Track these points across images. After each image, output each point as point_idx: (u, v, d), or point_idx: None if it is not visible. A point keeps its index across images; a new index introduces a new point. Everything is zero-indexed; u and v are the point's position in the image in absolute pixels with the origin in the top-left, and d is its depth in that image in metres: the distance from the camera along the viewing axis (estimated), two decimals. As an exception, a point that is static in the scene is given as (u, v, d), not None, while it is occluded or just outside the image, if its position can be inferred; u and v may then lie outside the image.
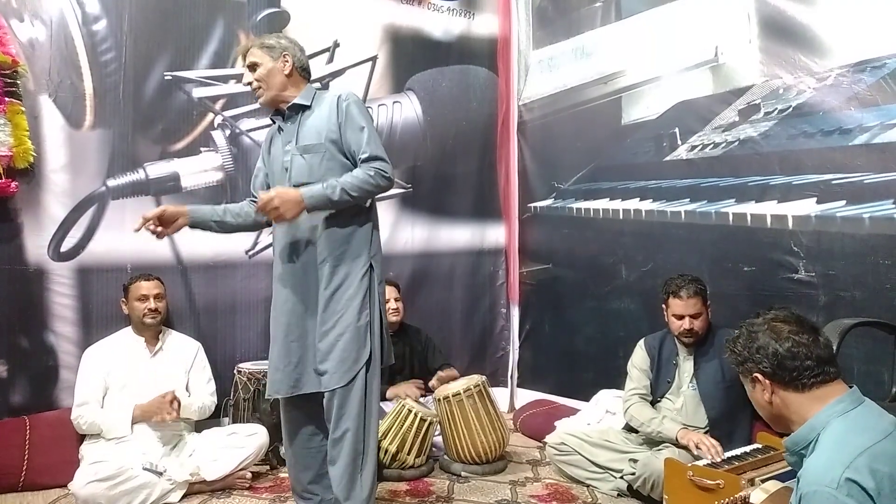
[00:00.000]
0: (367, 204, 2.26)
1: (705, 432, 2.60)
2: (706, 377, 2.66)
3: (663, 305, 2.72)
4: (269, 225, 2.39)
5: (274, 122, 2.35)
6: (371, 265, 2.22)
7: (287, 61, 2.23)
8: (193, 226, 2.26)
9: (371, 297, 2.20)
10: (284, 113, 2.28)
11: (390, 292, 3.38)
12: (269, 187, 2.33)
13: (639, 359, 2.84)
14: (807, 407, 1.38)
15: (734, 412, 2.59)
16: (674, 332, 2.71)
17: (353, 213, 2.21)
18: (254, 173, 2.45)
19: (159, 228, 2.16)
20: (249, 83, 2.24)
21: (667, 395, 2.76)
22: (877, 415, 1.35)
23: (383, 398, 3.13)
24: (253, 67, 2.21)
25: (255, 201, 2.33)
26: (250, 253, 3.50)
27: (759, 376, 1.43)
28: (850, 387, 1.40)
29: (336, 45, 3.65)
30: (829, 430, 1.33)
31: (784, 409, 1.42)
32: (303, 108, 2.25)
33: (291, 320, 2.20)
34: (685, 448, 2.52)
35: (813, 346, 1.39)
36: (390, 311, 3.33)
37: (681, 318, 2.65)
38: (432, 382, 3.37)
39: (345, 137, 2.19)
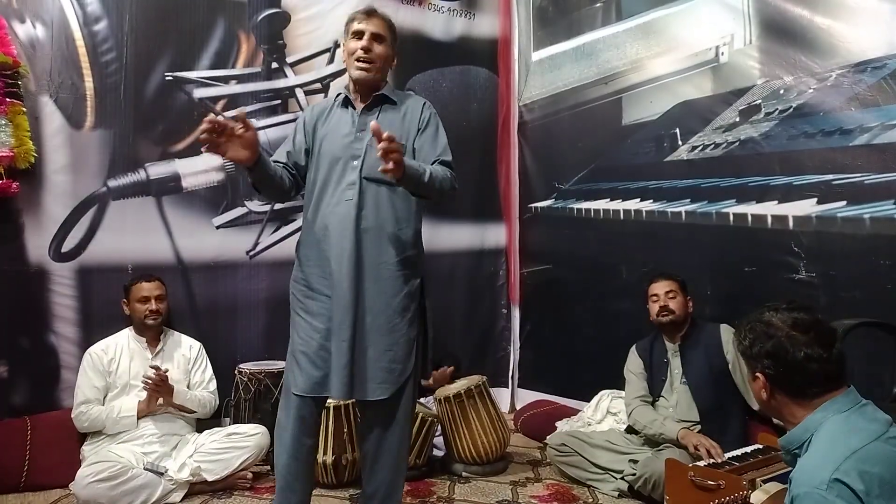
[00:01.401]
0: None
1: (700, 429, 2.62)
2: (694, 372, 2.72)
3: (647, 305, 2.84)
4: (290, 198, 2.25)
5: (337, 98, 2.22)
6: (423, 279, 2.19)
7: (394, 58, 2.22)
8: (254, 173, 2.01)
9: (423, 310, 2.17)
10: (367, 100, 2.17)
11: None
12: (304, 165, 2.19)
13: (633, 364, 2.91)
14: (804, 412, 1.38)
15: (725, 405, 2.63)
16: (653, 317, 2.80)
17: (415, 222, 2.20)
18: (288, 139, 2.26)
19: (221, 139, 1.90)
20: (367, 49, 2.10)
21: (662, 394, 2.80)
22: (871, 416, 1.35)
23: None
24: (378, 39, 2.13)
25: (278, 162, 2.18)
26: (251, 253, 3.50)
27: (762, 377, 1.42)
28: (848, 387, 1.39)
29: (336, 45, 3.64)
30: (822, 431, 1.32)
31: (781, 408, 1.42)
32: (386, 103, 2.17)
33: (345, 319, 2.04)
34: (686, 448, 2.53)
35: (825, 362, 1.36)
36: None
37: (656, 298, 2.78)
38: (430, 382, 3.38)
39: (419, 140, 2.14)
